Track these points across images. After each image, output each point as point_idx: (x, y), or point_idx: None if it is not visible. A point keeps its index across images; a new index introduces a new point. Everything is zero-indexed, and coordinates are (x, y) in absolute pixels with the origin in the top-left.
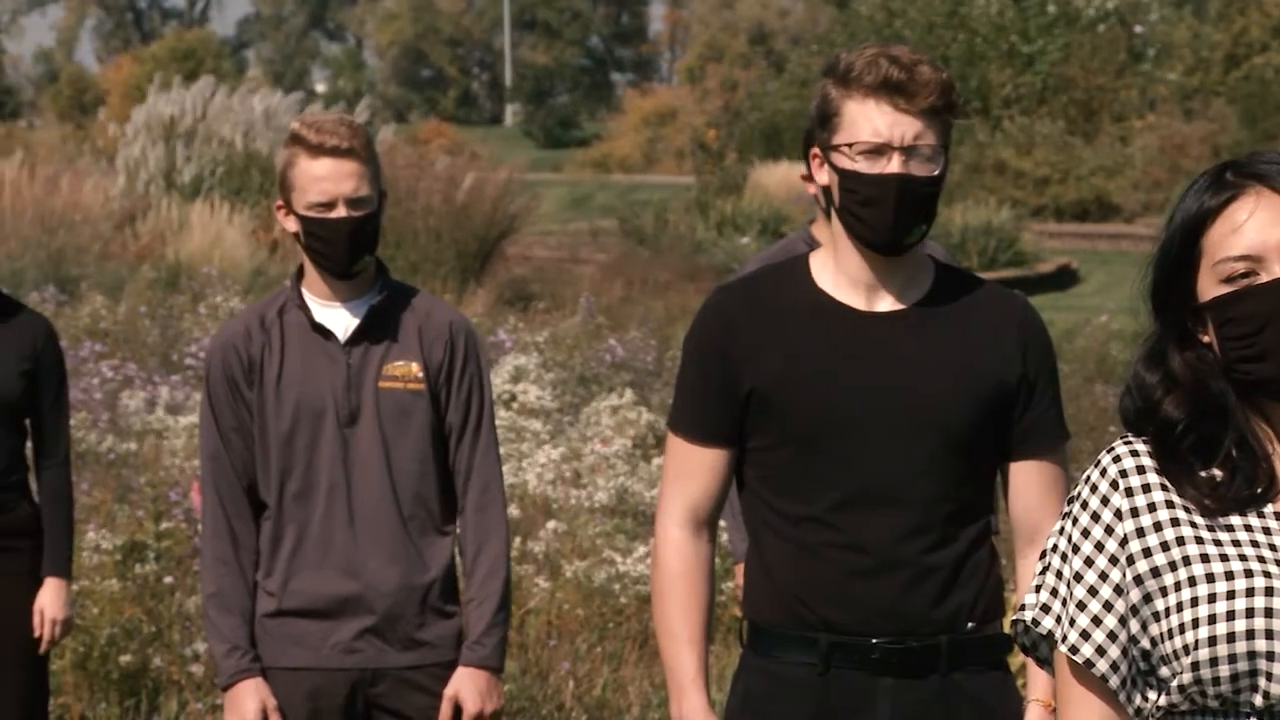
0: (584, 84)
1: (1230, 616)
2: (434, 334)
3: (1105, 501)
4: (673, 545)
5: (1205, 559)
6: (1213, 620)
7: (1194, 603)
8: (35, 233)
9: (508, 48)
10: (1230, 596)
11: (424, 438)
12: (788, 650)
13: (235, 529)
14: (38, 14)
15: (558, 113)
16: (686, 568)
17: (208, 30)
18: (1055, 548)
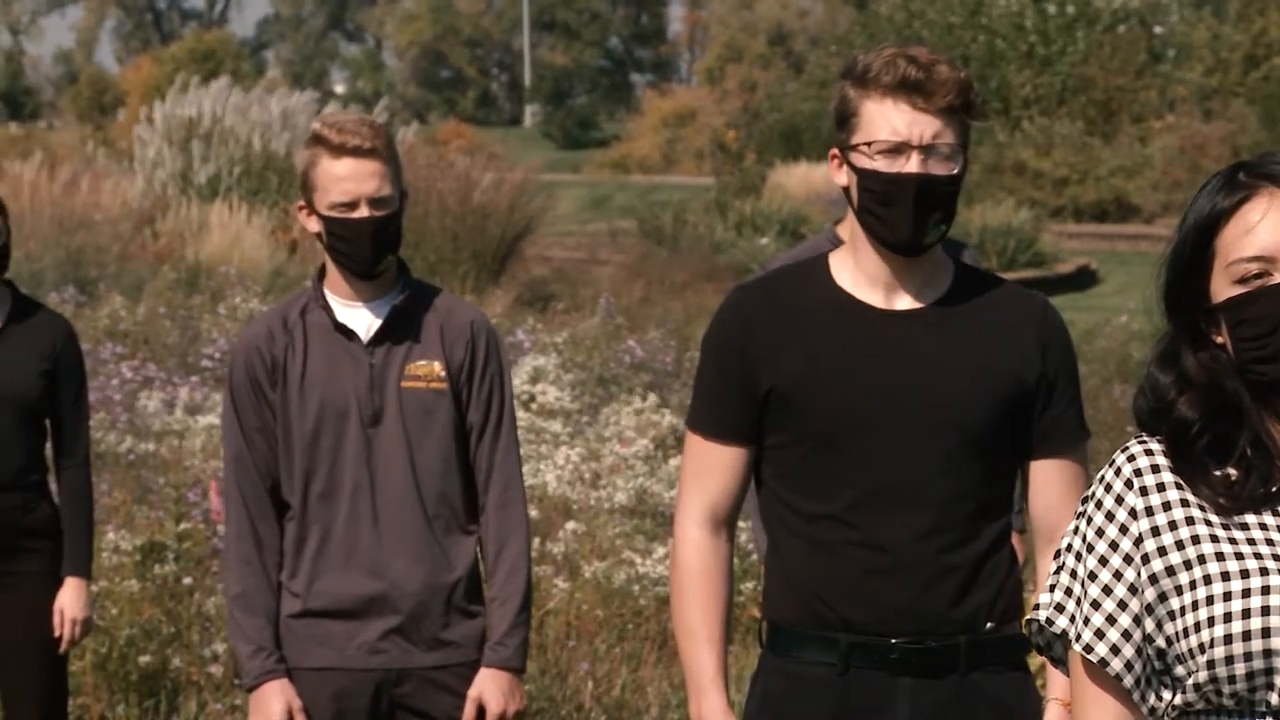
0: (603, 85)
1: (1246, 615)
2: (455, 333)
3: (1120, 500)
4: (691, 544)
5: (1220, 557)
6: (1228, 619)
7: (1209, 601)
8: (54, 233)
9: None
10: (1245, 595)
11: (447, 437)
12: (806, 650)
13: (259, 530)
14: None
15: (577, 114)
16: (705, 566)
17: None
18: (1070, 547)
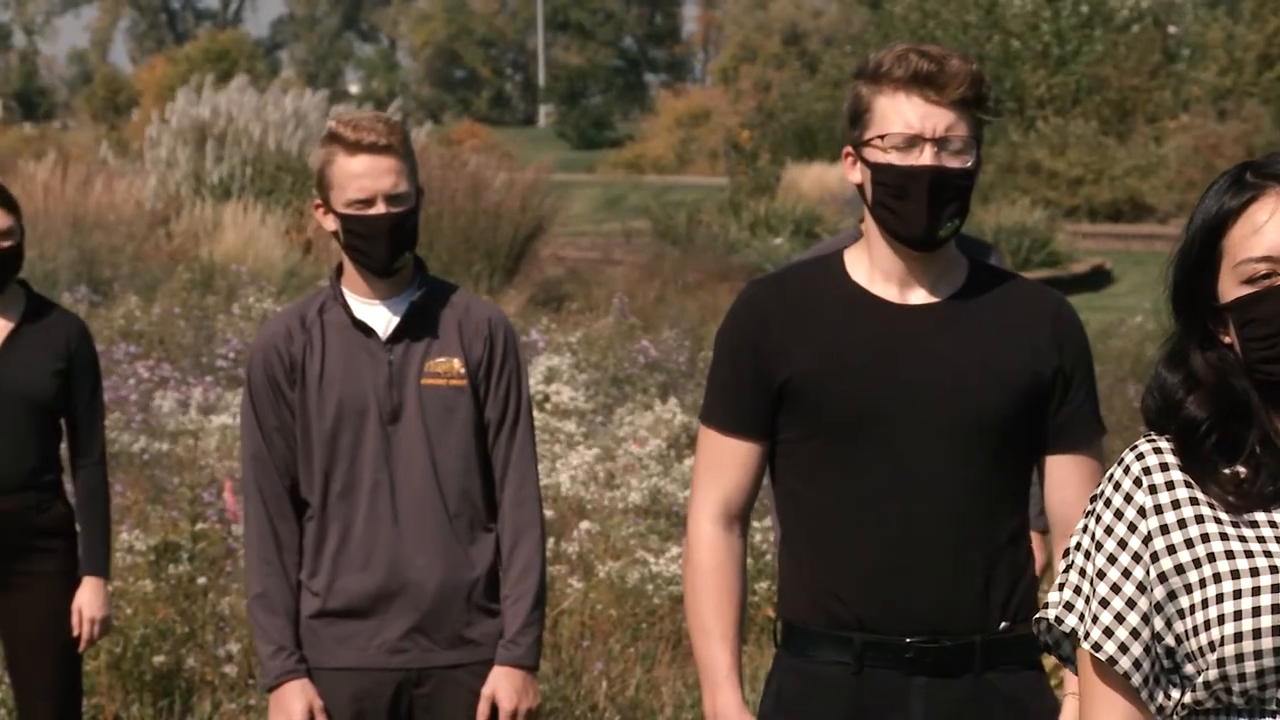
0: (617, 85)
1: (1256, 613)
2: (473, 330)
3: (1129, 499)
4: (705, 541)
5: (1230, 555)
6: (1238, 616)
7: (1219, 599)
8: (69, 233)
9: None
10: (1256, 593)
11: (467, 434)
12: (821, 650)
13: (278, 529)
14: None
15: (591, 114)
16: (718, 562)
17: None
18: (1079, 545)
